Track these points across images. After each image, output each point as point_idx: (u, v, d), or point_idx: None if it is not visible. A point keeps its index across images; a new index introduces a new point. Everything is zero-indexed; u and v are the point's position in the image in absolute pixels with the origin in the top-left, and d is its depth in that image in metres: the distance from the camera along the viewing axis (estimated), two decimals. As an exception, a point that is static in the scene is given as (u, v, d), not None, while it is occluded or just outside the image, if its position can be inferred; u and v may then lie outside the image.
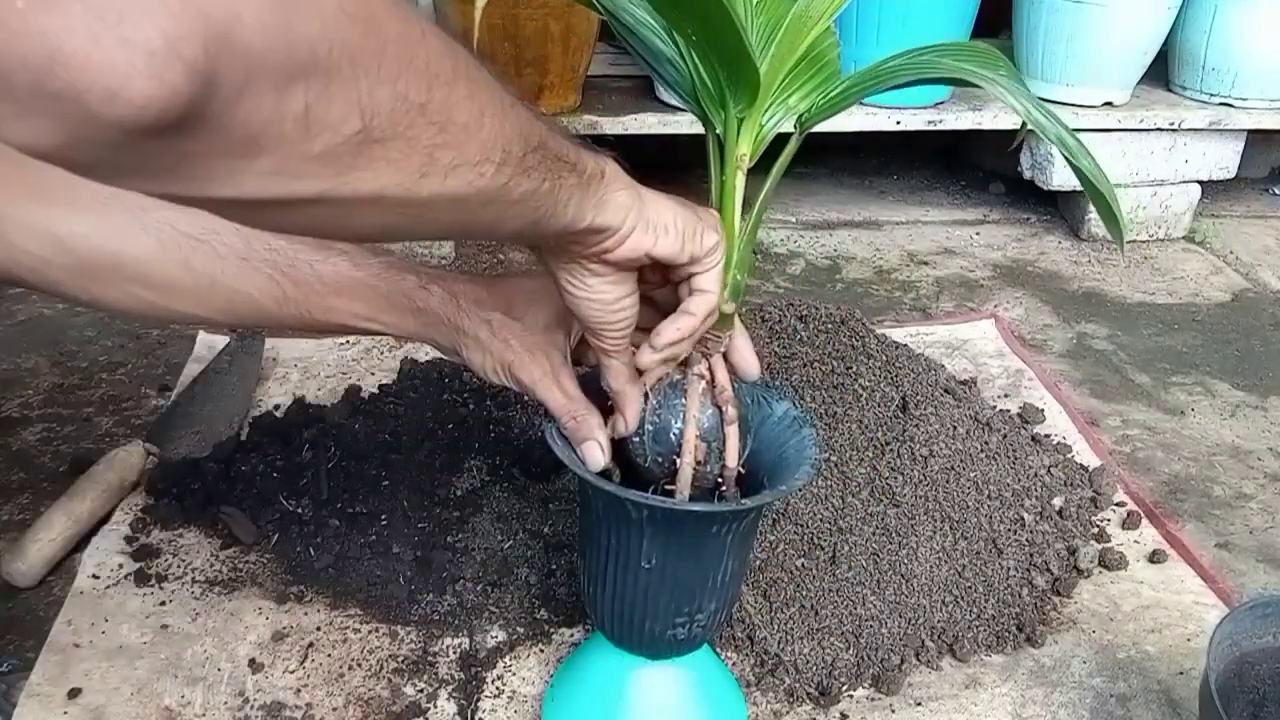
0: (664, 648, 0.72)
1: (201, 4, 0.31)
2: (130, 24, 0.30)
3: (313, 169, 0.38)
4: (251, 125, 0.35)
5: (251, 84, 0.34)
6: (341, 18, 0.36)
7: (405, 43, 0.40)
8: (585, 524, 0.71)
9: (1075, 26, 1.68)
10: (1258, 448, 1.23)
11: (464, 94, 0.43)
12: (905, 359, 1.07)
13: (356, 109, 0.38)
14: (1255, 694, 0.77)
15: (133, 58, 0.30)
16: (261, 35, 0.33)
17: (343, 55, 0.36)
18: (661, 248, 0.57)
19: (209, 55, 0.31)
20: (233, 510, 0.96)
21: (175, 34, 0.30)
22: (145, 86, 0.30)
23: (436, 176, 0.43)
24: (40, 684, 0.79)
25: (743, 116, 0.64)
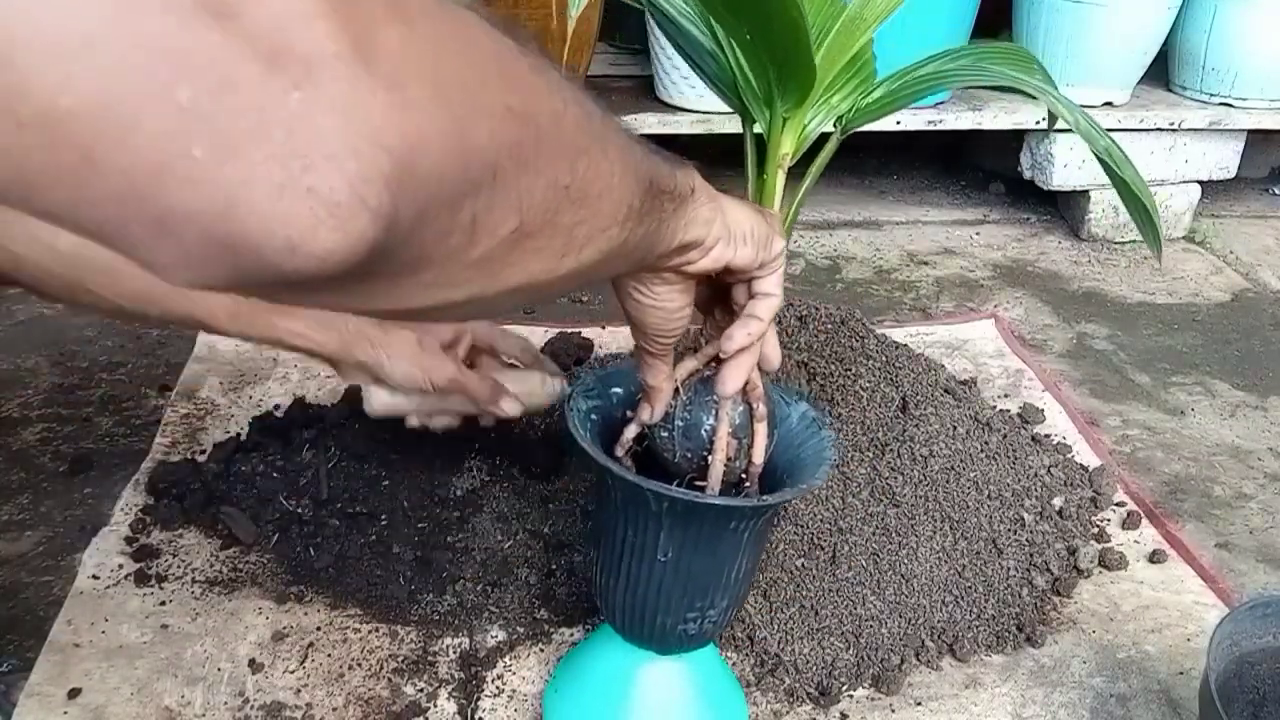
0: (674, 642, 0.72)
1: (388, 140, 0.29)
2: (316, 173, 0.27)
3: (469, 275, 0.37)
4: (422, 249, 0.33)
5: (429, 211, 0.32)
6: (508, 119, 0.34)
7: (555, 123, 0.38)
8: (602, 515, 0.71)
9: (1075, 26, 1.68)
10: (1258, 448, 1.23)
11: (598, 158, 0.42)
12: (905, 359, 1.07)
13: (516, 209, 0.36)
14: (1255, 694, 0.77)
15: (316, 209, 0.27)
16: (441, 161, 0.31)
17: (508, 158, 0.35)
18: (740, 258, 0.57)
19: (393, 195, 0.29)
20: (233, 510, 0.96)
21: (360, 178, 0.28)
22: (329, 239, 0.28)
23: (574, 253, 0.42)
24: (40, 684, 0.79)
25: (788, 116, 0.64)
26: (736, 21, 0.57)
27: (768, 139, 0.65)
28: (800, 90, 0.61)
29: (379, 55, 0.28)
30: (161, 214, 0.27)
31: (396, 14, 0.30)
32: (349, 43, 0.28)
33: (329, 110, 0.27)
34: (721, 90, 0.69)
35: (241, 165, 0.26)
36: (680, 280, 0.57)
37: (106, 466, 1.05)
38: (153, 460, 1.04)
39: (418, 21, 0.31)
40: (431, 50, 0.31)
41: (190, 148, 0.26)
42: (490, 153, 0.33)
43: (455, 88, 0.32)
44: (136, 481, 1.01)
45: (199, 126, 0.26)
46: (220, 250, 0.28)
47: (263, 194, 0.27)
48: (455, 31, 0.33)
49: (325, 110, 0.27)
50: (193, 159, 0.26)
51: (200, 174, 0.26)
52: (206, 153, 0.26)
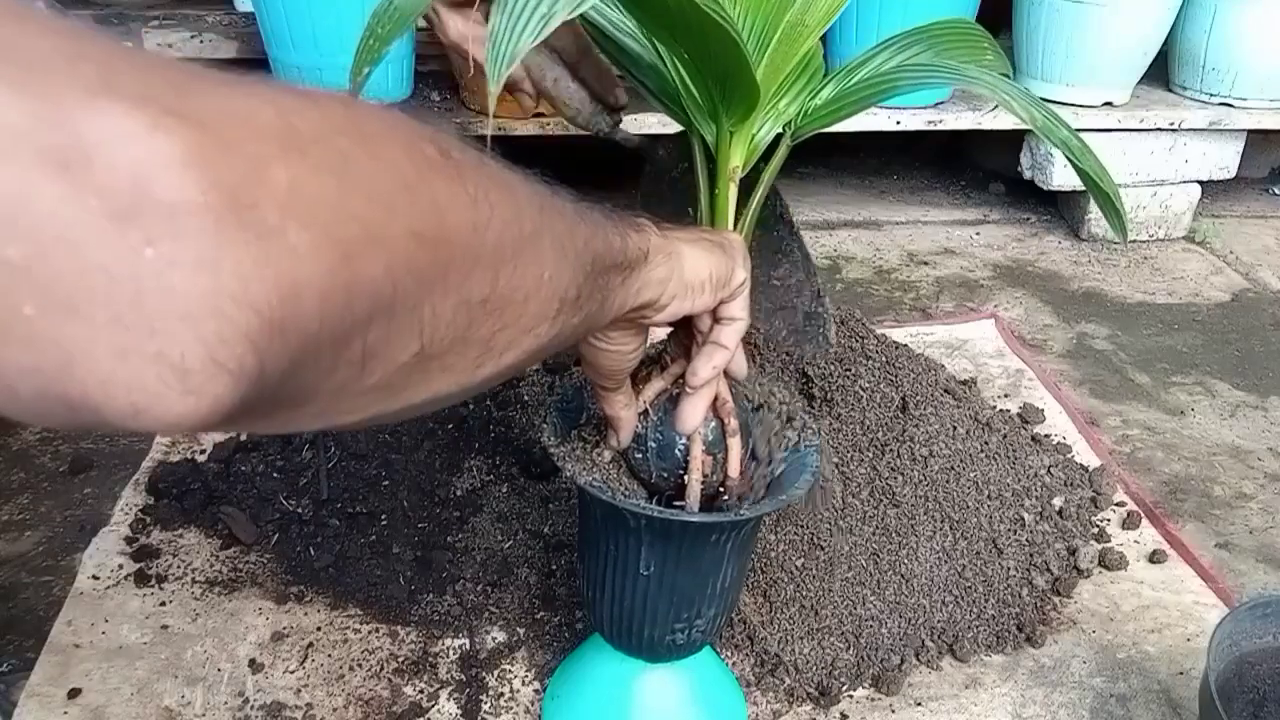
0: (663, 653, 0.71)
1: (255, 296, 0.26)
2: (166, 336, 0.25)
3: (363, 401, 0.34)
4: (301, 389, 0.31)
5: (305, 358, 0.29)
6: (410, 246, 0.31)
7: (474, 235, 0.35)
8: (584, 529, 0.71)
9: (1075, 26, 1.68)
10: (1258, 448, 1.23)
11: (528, 260, 0.39)
12: (905, 359, 1.07)
13: (416, 334, 0.34)
14: (1255, 694, 0.77)
15: (164, 375, 0.25)
16: (320, 307, 0.28)
17: (408, 286, 0.32)
18: (698, 306, 0.56)
19: (258, 352, 0.27)
20: (233, 510, 0.96)
21: (217, 340, 0.25)
22: (178, 405, 0.26)
23: (492, 361, 0.39)
24: (40, 684, 0.79)
25: (734, 129, 0.63)
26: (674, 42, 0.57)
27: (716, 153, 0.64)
28: (744, 105, 0.60)
29: (258, 200, 0.26)
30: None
31: (288, 147, 0.28)
32: (223, 190, 0.25)
33: (189, 267, 0.25)
34: (665, 104, 0.68)
35: (80, 327, 0.24)
36: (635, 328, 0.56)
37: (106, 466, 1.05)
38: (153, 460, 1.04)
39: (311, 153, 0.28)
40: (323, 184, 0.28)
41: (21, 306, 0.24)
42: (384, 285, 0.31)
43: (348, 222, 0.29)
44: (136, 481, 1.01)
45: (29, 284, 0.23)
46: (57, 406, 0.25)
47: (103, 358, 0.25)
48: (356, 154, 0.30)
49: (185, 267, 0.25)
50: (24, 318, 0.24)
51: (33, 333, 0.24)
52: (39, 312, 0.24)
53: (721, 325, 0.60)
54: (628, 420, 0.64)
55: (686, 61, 0.59)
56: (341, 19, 1.45)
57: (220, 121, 0.26)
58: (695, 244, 0.56)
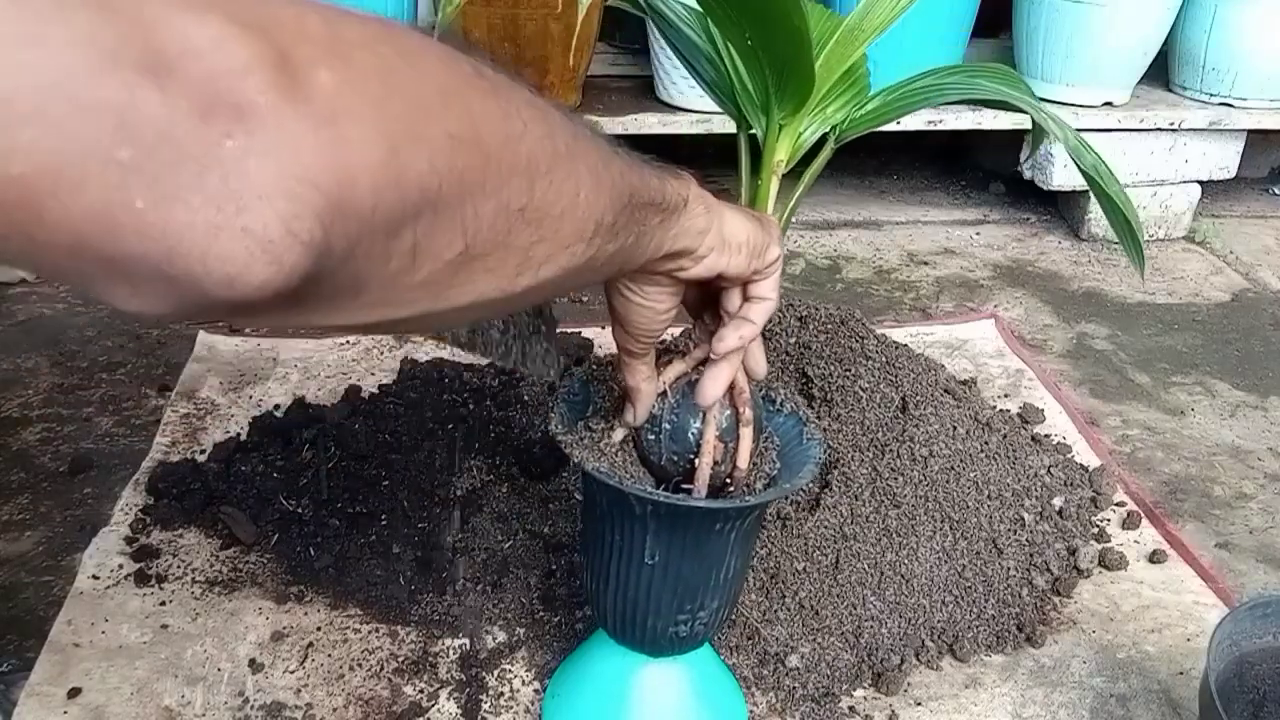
0: (666, 645, 0.72)
1: (317, 177, 0.30)
2: (250, 213, 0.29)
3: (414, 295, 0.38)
4: (360, 274, 0.34)
5: (363, 240, 0.33)
6: (449, 145, 0.35)
7: (508, 145, 0.39)
8: (589, 520, 0.71)
9: (1075, 26, 1.68)
10: (1258, 448, 1.23)
11: (562, 177, 0.42)
12: (905, 359, 1.07)
13: (460, 232, 0.37)
14: (1255, 694, 0.77)
15: (251, 246, 0.29)
16: (374, 192, 0.32)
17: (451, 184, 0.35)
18: (733, 267, 0.57)
19: (324, 227, 0.31)
20: (233, 510, 0.96)
21: (291, 215, 0.30)
22: (263, 271, 0.30)
23: (531, 271, 0.42)
24: (40, 684, 0.79)
25: (784, 124, 0.64)
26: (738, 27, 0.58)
27: (763, 145, 0.65)
28: (798, 97, 0.61)
29: (312, 97, 0.30)
30: (110, 260, 0.29)
31: (332, 53, 0.31)
32: (280, 89, 0.29)
33: (261, 154, 0.29)
34: (719, 96, 0.69)
35: (181, 211, 0.28)
36: (671, 283, 0.57)
37: (106, 466, 1.05)
38: (153, 460, 1.04)
39: (355, 57, 0.32)
40: (368, 85, 0.32)
41: (134, 200, 0.27)
42: (430, 180, 0.34)
43: (392, 119, 0.33)
44: (136, 481, 1.01)
45: (140, 180, 0.27)
46: (167, 286, 0.30)
47: (202, 235, 0.29)
48: (397, 63, 0.34)
49: (257, 155, 0.29)
50: (136, 210, 0.28)
51: (144, 223, 0.28)
52: (148, 203, 0.28)
53: (751, 303, 0.61)
54: (647, 394, 0.64)
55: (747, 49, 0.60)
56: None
57: (274, 29, 0.30)
58: (734, 209, 0.58)
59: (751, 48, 0.58)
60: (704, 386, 0.63)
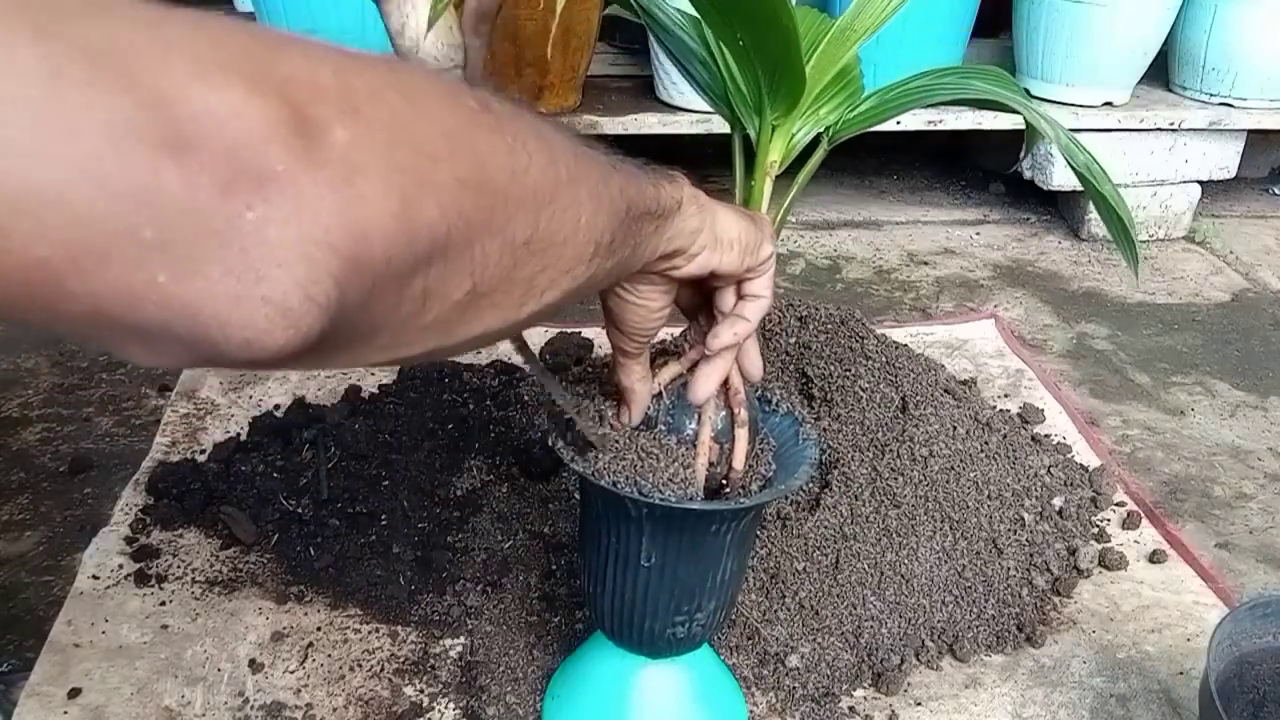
0: (663, 647, 0.72)
1: (334, 239, 0.30)
2: (269, 282, 0.29)
3: (424, 335, 0.38)
4: (373, 322, 0.35)
5: (377, 292, 0.33)
6: (457, 191, 0.35)
7: (514, 181, 0.39)
8: (585, 522, 0.71)
9: (1075, 26, 1.68)
10: (1258, 448, 1.23)
11: (565, 204, 0.42)
12: (905, 359, 1.07)
13: (469, 273, 0.37)
14: (1255, 694, 0.77)
15: (270, 314, 0.30)
16: (386, 246, 0.32)
17: (459, 227, 0.36)
18: (726, 264, 0.57)
19: (340, 286, 0.31)
20: (233, 510, 0.96)
21: (310, 280, 0.30)
22: (282, 336, 0.30)
23: (535, 300, 0.43)
24: (40, 684, 0.79)
25: (777, 124, 0.65)
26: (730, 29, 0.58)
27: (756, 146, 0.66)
28: (790, 98, 0.61)
29: (329, 158, 0.30)
30: (130, 328, 0.29)
31: (344, 108, 0.31)
32: (298, 154, 0.29)
33: (280, 222, 0.29)
34: (712, 97, 0.69)
35: (202, 283, 0.29)
36: (664, 281, 0.57)
37: (106, 466, 1.05)
38: (153, 460, 1.04)
39: (365, 110, 0.32)
40: (377, 138, 0.32)
41: (156, 276, 0.28)
42: (440, 227, 0.34)
43: (402, 171, 0.33)
44: (136, 481, 1.01)
45: (162, 257, 0.28)
46: (185, 350, 0.30)
47: (222, 306, 0.29)
48: (403, 109, 0.34)
49: (277, 223, 0.29)
50: (158, 285, 0.28)
51: (165, 296, 0.28)
52: (170, 278, 0.28)
53: (745, 301, 0.61)
54: (642, 395, 0.64)
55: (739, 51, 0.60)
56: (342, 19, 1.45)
57: (289, 90, 0.30)
58: (727, 207, 0.58)
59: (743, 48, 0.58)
60: (697, 384, 0.63)
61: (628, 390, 0.64)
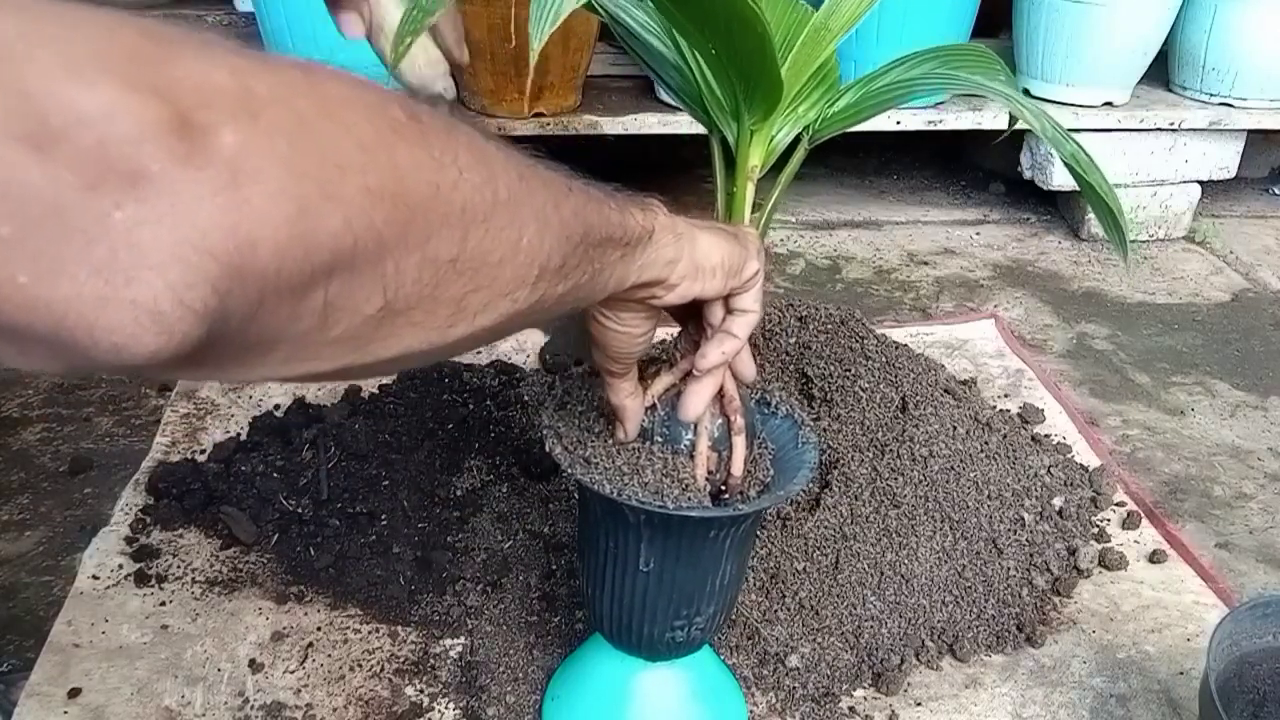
0: (662, 650, 0.72)
1: (214, 244, 0.29)
2: (139, 285, 0.28)
3: (331, 350, 0.37)
4: (266, 334, 0.33)
5: (266, 303, 0.32)
6: (366, 201, 0.34)
7: (438, 196, 0.37)
8: (584, 526, 0.71)
9: (1075, 26, 1.68)
10: (1258, 448, 1.23)
11: (502, 224, 0.40)
12: (905, 359, 1.07)
13: (379, 288, 0.36)
14: (1255, 694, 0.77)
15: (140, 318, 0.28)
16: (276, 256, 0.31)
17: (368, 241, 0.34)
18: (709, 290, 0.56)
19: (220, 294, 0.30)
20: (233, 510, 0.96)
21: (183, 285, 0.29)
22: (153, 342, 0.29)
23: (465, 321, 0.41)
24: (40, 684, 0.79)
25: (755, 128, 0.64)
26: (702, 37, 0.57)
27: (735, 151, 0.65)
28: (767, 103, 0.61)
29: (211, 160, 0.29)
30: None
31: (239, 111, 0.30)
32: (176, 155, 0.28)
33: (154, 223, 0.28)
34: (687, 103, 0.68)
35: (66, 285, 0.27)
36: (645, 309, 0.57)
37: (106, 466, 1.05)
38: (153, 460, 1.04)
39: (264, 114, 0.31)
40: (276, 143, 0.31)
41: (16, 275, 0.27)
42: (344, 239, 0.33)
43: (301, 178, 0.31)
44: (136, 481, 1.01)
45: (22, 255, 0.27)
46: (53, 352, 0.29)
47: (88, 308, 0.28)
48: (312, 116, 0.33)
49: (150, 224, 0.28)
50: (19, 285, 0.27)
51: (27, 297, 0.27)
52: (32, 278, 0.27)
53: (734, 316, 0.60)
54: (634, 410, 0.64)
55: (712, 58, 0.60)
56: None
57: (174, 90, 0.29)
58: (708, 230, 0.56)
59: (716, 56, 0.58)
60: (687, 402, 0.62)
61: (619, 408, 0.64)
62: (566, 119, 1.59)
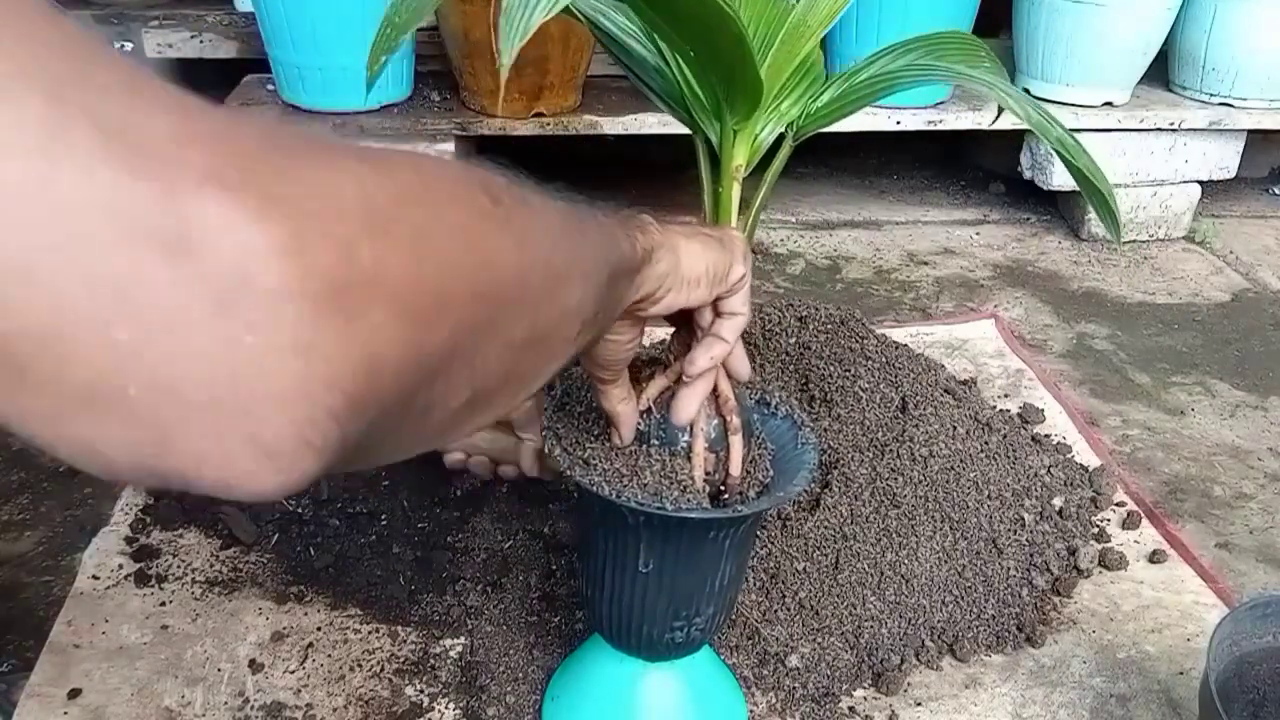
0: (662, 651, 0.71)
1: (342, 377, 0.26)
2: (257, 419, 0.25)
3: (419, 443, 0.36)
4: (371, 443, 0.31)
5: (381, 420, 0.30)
6: (472, 304, 0.32)
7: (519, 283, 0.35)
8: (583, 527, 0.71)
9: (1075, 26, 1.68)
10: (1258, 448, 1.23)
11: (561, 295, 0.39)
12: (905, 359, 1.07)
13: (469, 382, 0.34)
14: (1255, 694, 0.77)
15: (255, 455, 0.26)
16: (396, 378, 0.29)
17: (465, 341, 0.32)
18: (694, 300, 0.56)
19: (341, 427, 0.27)
20: (233, 510, 0.96)
21: (308, 422, 0.26)
22: (270, 481, 0.27)
23: (525, 389, 0.41)
24: (40, 684, 0.79)
25: (738, 128, 0.64)
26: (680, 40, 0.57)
27: (719, 152, 0.65)
28: (748, 103, 0.60)
29: (351, 283, 0.27)
30: (92, 439, 0.25)
31: (371, 226, 0.28)
32: (318, 277, 0.26)
33: (283, 353, 0.25)
34: (669, 104, 0.68)
35: (179, 407, 0.25)
36: (632, 319, 0.57)
37: (106, 466, 1.05)
38: (153, 460, 1.04)
39: (391, 230, 0.29)
40: (404, 260, 0.29)
41: (126, 386, 0.24)
42: (448, 344, 0.31)
43: (423, 293, 0.29)
44: (136, 481, 1.01)
45: (136, 366, 0.24)
46: (149, 476, 0.26)
47: (199, 437, 0.25)
48: (430, 226, 0.31)
49: (279, 353, 0.25)
50: (128, 397, 0.24)
51: (134, 411, 0.25)
52: (142, 392, 0.24)
53: (722, 319, 0.60)
54: (627, 415, 0.64)
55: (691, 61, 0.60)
56: (342, 19, 1.45)
57: (312, 205, 0.26)
58: (693, 239, 0.56)
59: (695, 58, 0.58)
60: (678, 407, 0.62)
61: (612, 414, 0.63)
62: (566, 119, 1.59)
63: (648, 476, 0.63)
